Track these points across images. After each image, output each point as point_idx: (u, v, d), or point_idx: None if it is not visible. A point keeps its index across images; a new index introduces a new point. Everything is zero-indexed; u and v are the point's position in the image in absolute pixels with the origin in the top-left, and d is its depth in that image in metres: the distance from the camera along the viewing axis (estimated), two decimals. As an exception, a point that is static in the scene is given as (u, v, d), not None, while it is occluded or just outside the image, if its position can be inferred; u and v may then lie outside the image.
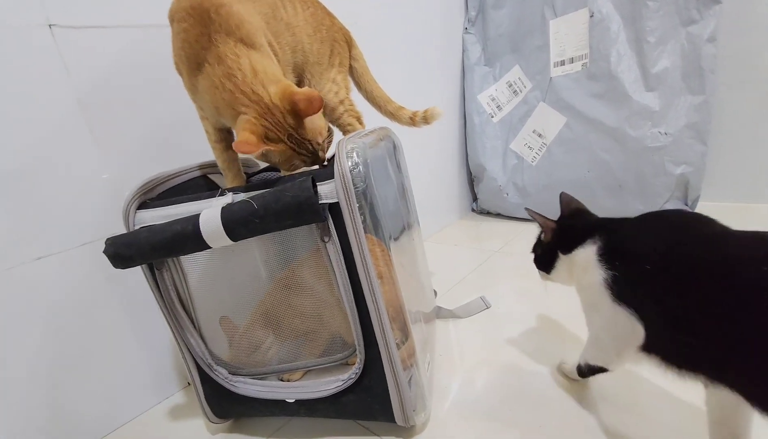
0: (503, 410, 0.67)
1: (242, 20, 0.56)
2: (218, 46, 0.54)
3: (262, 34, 0.60)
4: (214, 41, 0.55)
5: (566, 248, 0.62)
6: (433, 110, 0.86)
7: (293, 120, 0.55)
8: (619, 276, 0.51)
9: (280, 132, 0.55)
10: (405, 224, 0.78)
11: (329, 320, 0.66)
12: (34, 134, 0.67)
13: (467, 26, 1.55)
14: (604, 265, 0.53)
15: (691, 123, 1.15)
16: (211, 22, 0.54)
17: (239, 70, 0.54)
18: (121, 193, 0.74)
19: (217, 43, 0.55)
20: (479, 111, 1.54)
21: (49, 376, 0.70)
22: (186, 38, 0.56)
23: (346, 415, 0.66)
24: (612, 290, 0.52)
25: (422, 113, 0.86)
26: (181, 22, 0.56)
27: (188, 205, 0.59)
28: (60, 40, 0.68)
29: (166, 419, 0.80)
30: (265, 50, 0.59)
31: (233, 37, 0.55)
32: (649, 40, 1.17)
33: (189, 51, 0.56)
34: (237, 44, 0.55)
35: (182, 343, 0.66)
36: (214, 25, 0.55)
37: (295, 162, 0.58)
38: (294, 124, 0.55)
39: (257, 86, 0.54)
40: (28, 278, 0.67)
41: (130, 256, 0.57)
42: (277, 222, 0.52)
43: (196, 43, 0.55)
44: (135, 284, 0.79)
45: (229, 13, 0.55)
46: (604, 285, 0.53)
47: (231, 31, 0.55)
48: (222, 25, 0.55)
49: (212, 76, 0.55)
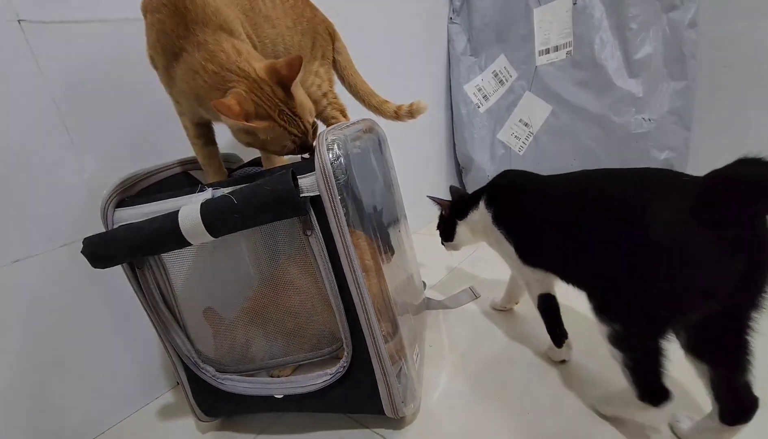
0: (492, 399, 0.67)
1: (218, 8, 0.55)
2: (197, 35, 0.53)
3: (240, 24, 0.58)
4: (192, 31, 0.53)
5: (462, 215, 0.84)
6: (418, 104, 0.85)
7: (283, 93, 0.53)
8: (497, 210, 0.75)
9: (270, 107, 0.53)
10: (392, 218, 0.77)
11: (317, 315, 0.66)
12: (10, 135, 0.65)
13: (452, 16, 1.54)
14: (489, 208, 0.76)
15: (674, 108, 1.16)
16: (186, 11, 0.53)
17: (222, 51, 0.53)
18: (100, 193, 0.72)
19: (196, 33, 0.53)
20: (466, 101, 1.53)
21: (33, 379, 0.69)
22: (162, 29, 0.54)
23: (336, 409, 0.66)
24: (494, 220, 0.75)
25: (407, 107, 0.85)
26: (155, 13, 0.54)
27: (168, 202, 0.58)
28: (30, 36, 0.66)
29: (156, 419, 0.79)
30: (244, 39, 0.58)
31: (211, 24, 0.54)
32: (632, 27, 1.17)
33: (165, 42, 0.55)
34: (216, 31, 0.54)
35: (167, 342, 0.65)
36: (190, 14, 0.53)
37: (285, 143, 0.55)
38: (284, 97, 0.53)
39: (243, 63, 0.52)
40: (7, 281, 0.66)
41: (108, 255, 0.56)
42: (258, 217, 0.51)
43: (172, 33, 0.54)
44: (118, 284, 0.76)
45: (205, 2, 0.54)
46: (492, 221, 0.75)
47: (209, 20, 0.54)
48: (198, 15, 0.53)
49: (191, 63, 0.53)
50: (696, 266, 0.45)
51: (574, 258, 0.59)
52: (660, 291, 0.47)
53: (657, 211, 0.47)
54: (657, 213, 0.47)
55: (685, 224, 0.45)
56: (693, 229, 0.44)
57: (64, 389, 0.73)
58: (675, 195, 0.47)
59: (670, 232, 0.46)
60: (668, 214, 0.46)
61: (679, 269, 0.45)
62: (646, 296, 0.49)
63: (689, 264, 0.45)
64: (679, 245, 0.45)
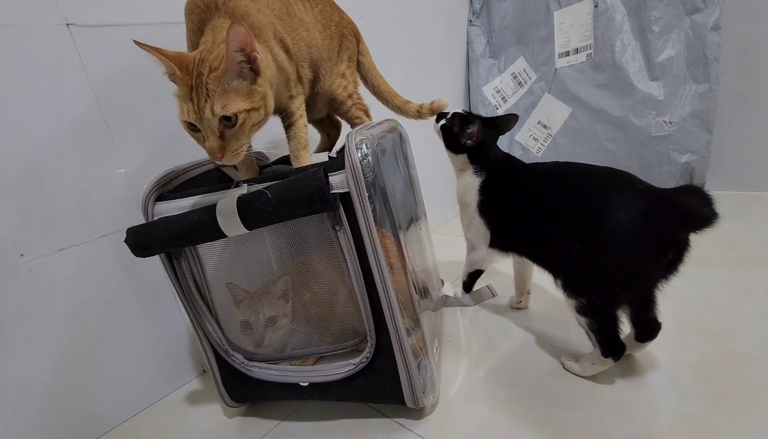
0: (509, 393, 0.69)
1: (247, 14, 0.57)
2: (216, 22, 0.55)
3: (270, 31, 0.60)
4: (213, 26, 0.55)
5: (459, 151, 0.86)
6: (439, 101, 0.87)
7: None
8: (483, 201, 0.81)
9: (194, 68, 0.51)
10: (413, 215, 0.80)
11: (341, 308, 0.68)
12: (56, 131, 0.69)
13: (472, 18, 1.55)
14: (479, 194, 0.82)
15: (696, 111, 1.16)
16: (217, 10, 0.56)
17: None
18: (137, 187, 0.77)
19: (216, 21, 0.55)
20: (485, 103, 1.55)
21: (68, 363, 0.73)
22: (191, 27, 0.59)
23: (358, 397, 0.69)
24: (479, 208, 0.81)
25: (428, 105, 0.88)
26: (190, 15, 0.59)
27: (204, 196, 0.61)
28: (77, 39, 0.70)
29: (183, 404, 0.83)
30: (268, 46, 0.59)
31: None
32: (654, 30, 1.17)
33: (193, 39, 0.59)
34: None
35: (200, 329, 0.69)
36: (219, 12, 0.56)
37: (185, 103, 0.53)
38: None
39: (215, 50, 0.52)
40: (52, 269, 0.70)
41: (149, 244, 0.59)
42: (290, 211, 0.54)
43: (198, 31, 0.57)
44: (151, 274, 0.82)
45: (236, 5, 0.56)
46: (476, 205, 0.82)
47: (235, 18, 0.56)
48: (227, 13, 0.56)
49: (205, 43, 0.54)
50: (641, 257, 0.59)
51: (544, 243, 0.71)
52: (614, 273, 0.61)
53: (615, 210, 0.60)
54: (615, 211, 0.60)
55: (635, 224, 0.58)
56: (641, 230, 0.58)
57: (97, 373, 0.77)
58: (631, 199, 0.60)
59: (624, 229, 0.59)
60: (624, 215, 0.59)
61: (629, 257, 0.59)
62: (604, 276, 0.62)
63: (636, 255, 0.59)
64: (630, 240, 0.59)
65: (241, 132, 0.53)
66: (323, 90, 0.76)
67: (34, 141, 0.67)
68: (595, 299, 0.63)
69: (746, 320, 0.76)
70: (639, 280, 0.62)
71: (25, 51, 0.65)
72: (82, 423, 0.75)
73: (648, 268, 0.60)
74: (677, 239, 0.59)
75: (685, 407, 0.60)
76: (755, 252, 0.98)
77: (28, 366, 0.69)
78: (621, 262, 0.60)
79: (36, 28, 0.66)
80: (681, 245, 0.60)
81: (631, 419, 0.60)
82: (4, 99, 0.64)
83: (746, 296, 0.82)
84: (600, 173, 0.67)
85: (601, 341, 0.65)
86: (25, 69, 0.66)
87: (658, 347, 0.72)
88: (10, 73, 0.65)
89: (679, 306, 0.81)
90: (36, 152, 0.68)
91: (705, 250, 1.01)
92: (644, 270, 0.61)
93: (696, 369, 0.67)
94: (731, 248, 1.01)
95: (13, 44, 0.64)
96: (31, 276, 0.68)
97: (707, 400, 0.61)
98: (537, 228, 0.72)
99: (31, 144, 0.67)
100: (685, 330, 0.75)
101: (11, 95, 0.65)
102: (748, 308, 0.79)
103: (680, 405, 0.61)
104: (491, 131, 0.87)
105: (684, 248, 0.60)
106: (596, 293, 0.63)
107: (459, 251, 1.12)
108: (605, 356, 0.65)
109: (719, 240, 1.05)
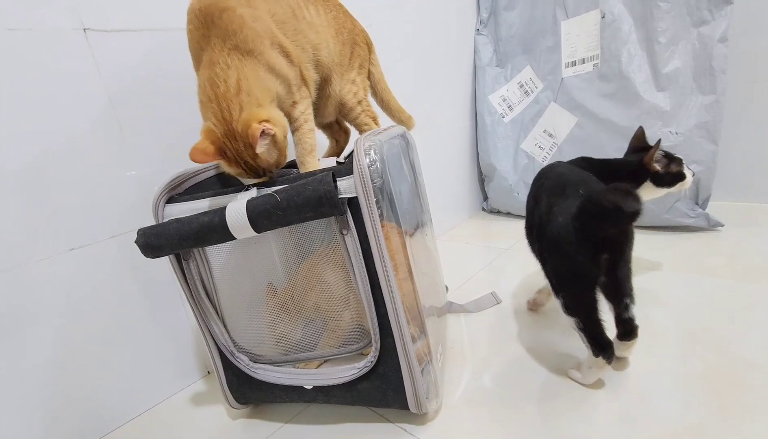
0: (512, 400, 0.69)
1: (243, 25, 0.57)
2: (213, 50, 0.57)
3: (268, 38, 0.60)
4: (211, 44, 0.57)
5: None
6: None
7: (252, 151, 0.56)
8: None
9: (237, 156, 0.57)
10: (419, 222, 0.80)
11: (347, 312, 0.69)
12: (70, 132, 0.71)
13: (479, 27, 1.57)
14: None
15: (702, 122, 1.16)
16: (213, 25, 0.57)
17: (224, 81, 0.56)
18: (147, 189, 0.78)
19: (213, 47, 0.57)
20: (490, 111, 1.56)
21: (75, 361, 0.74)
22: (192, 38, 0.60)
23: (362, 401, 0.69)
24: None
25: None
26: (189, 24, 0.60)
27: (214, 199, 0.62)
28: (93, 43, 0.72)
29: (188, 405, 0.84)
30: (265, 57, 0.60)
31: (229, 43, 0.57)
32: (661, 41, 1.18)
33: (194, 51, 0.60)
34: (231, 52, 0.57)
35: (206, 330, 0.69)
36: (215, 28, 0.57)
37: (245, 176, 0.61)
38: (252, 155, 0.57)
39: (234, 106, 0.56)
40: (63, 268, 0.71)
41: (159, 246, 0.60)
42: (299, 214, 0.55)
43: (197, 45, 0.59)
44: (159, 275, 0.83)
45: (231, 17, 0.57)
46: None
47: (228, 37, 0.57)
48: (221, 29, 0.57)
49: (201, 77, 0.58)
50: (573, 256, 0.63)
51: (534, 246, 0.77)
52: (560, 273, 0.67)
53: (557, 213, 0.65)
54: (556, 215, 0.65)
55: (567, 226, 0.62)
56: (572, 230, 0.62)
57: (103, 372, 0.78)
58: (570, 202, 0.64)
59: (559, 230, 0.64)
60: (561, 218, 0.64)
61: (564, 256, 0.64)
62: (557, 277, 0.68)
63: (569, 254, 0.63)
64: (564, 240, 0.63)
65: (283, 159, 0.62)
66: (334, 93, 0.77)
67: (47, 142, 0.69)
68: (565, 298, 0.67)
69: (752, 330, 0.76)
70: (580, 279, 0.65)
71: (42, 54, 0.67)
72: (87, 421, 0.76)
73: (583, 267, 0.63)
74: (610, 239, 0.62)
75: (690, 416, 0.60)
76: (761, 262, 0.97)
77: (36, 364, 0.70)
78: (560, 262, 0.66)
79: (54, 32, 0.68)
80: (615, 244, 0.63)
81: (636, 428, 0.60)
82: (20, 101, 0.66)
83: (752, 305, 0.82)
84: (569, 178, 0.73)
85: (589, 341, 0.66)
86: (42, 72, 0.67)
87: (663, 356, 0.72)
88: (27, 76, 0.66)
89: (684, 315, 0.81)
90: (49, 153, 0.69)
91: (710, 260, 1.01)
92: (581, 269, 0.63)
93: (701, 378, 0.67)
94: (737, 258, 1.00)
95: (30, 47, 0.66)
96: (41, 275, 0.69)
97: (712, 409, 0.61)
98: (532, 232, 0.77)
99: (45, 145, 0.68)
100: (690, 339, 0.75)
101: (27, 97, 0.66)
102: (754, 317, 0.79)
103: (685, 414, 0.61)
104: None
105: (619, 247, 0.63)
106: (562, 293, 0.67)
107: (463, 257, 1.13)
108: (596, 356, 0.65)
109: (725, 250, 1.05)
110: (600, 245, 0.62)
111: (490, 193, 1.66)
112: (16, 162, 0.66)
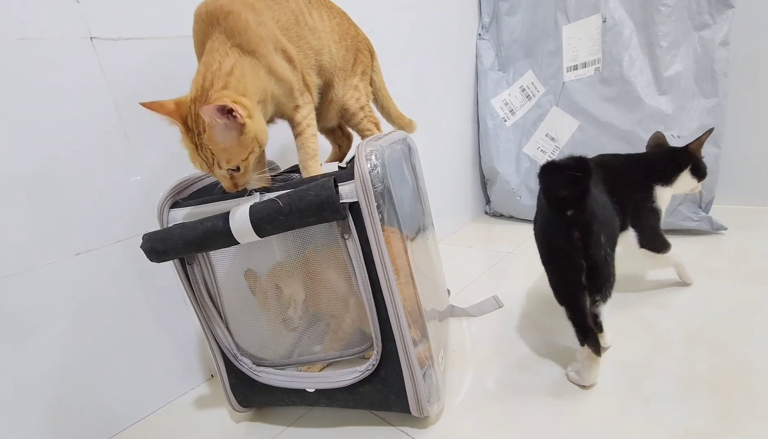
0: (514, 404, 0.69)
1: (247, 28, 0.58)
2: (215, 42, 0.58)
3: (271, 42, 0.61)
4: (213, 38, 0.58)
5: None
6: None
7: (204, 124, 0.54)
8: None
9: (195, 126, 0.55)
10: (420, 226, 0.81)
11: (349, 315, 0.69)
12: (77, 138, 0.72)
13: (481, 32, 1.58)
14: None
15: (704, 126, 1.16)
16: (218, 24, 0.58)
17: (219, 63, 0.56)
18: (151, 195, 0.79)
19: (215, 39, 0.58)
20: (493, 115, 1.56)
21: (80, 365, 0.75)
22: (196, 38, 0.61)
23: (363, 405, 0.69)
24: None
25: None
26: (194, 25, 0.61)
27: (218, 204, 0.63)
28: (100, 51, 0.73)
29: (192, 408, 0.84)
30: (267, 60, 0.60)
31: (232, 40, 0.58)
32: (662, 45, 1.18)
33: (198, 50, 0.61)
34: (233, 48, 0.58)
35: (210, 334, 0.70)
36: (219, 27, 0.58)
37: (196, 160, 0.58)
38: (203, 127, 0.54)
39: (219, 81, 0.55)
40: (69, 272, 0.72)
41: (164, 250, 0.61)
42: (301, 219, 0.56)
43: (201, 44, 0.60)
44: (163, 279, 0.84)
45: (236, 20, 0.58)
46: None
47: (232, 35, 0.58)
48: (226, 28, 0.58)
49: (199, 64, 0.58)
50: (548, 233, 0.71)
51: None
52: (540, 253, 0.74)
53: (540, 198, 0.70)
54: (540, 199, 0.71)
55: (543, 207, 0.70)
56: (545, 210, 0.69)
57: (108, 376, 0.78)
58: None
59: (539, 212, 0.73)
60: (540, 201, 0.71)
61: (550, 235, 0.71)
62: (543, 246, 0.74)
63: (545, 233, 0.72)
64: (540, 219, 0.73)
65: (246, 172, 0.60)
66: (336, 98, 0.78)
67: (54, 148, 0.70)
68: (548, 275, 0.73)
69: (755, 333, 0.75)
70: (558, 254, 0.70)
71: (50, 63, 0.68)
72: (92, 424, 0.77)
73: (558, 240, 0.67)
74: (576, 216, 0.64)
75: (693, 420, 0.60)
76: (764, 266, 0.97)
77: (42, 367, 0.71)
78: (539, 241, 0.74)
79: (61, 41, 0.69)
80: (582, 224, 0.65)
81: (639, 432, 0.60)
82: (27, 108, 0.67)
83: (755, 309, 0.82)
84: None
85: (574, 329, 0.69)
86: (50, 79, 0.69)
87: (667, 359, 0.72)
88: (35, 83, 0.67)
89: (687, 319, 0.81)
90: (56, 159, 0.70)
91: (714, 263, 1.00)
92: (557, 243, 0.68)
93: (704, 382, 0.66)
94: (740, 261, 1.00)
95: (38, 56, 0.67)
96: (48, 279, 0.70)
97: (716, 413, 0.60)
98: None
99: (52, 151, 0.70)
100: (693, 343, 0.75)
101: (35, 104, 0.68)
102: (757, 321, 0.79)
103: (688, 418, 0.61)
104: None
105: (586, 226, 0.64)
106: (546, 270, 0.73)
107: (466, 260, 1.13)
108: (581, 344, 0.68)
109: (728, 254, 1.04)
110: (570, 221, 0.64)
111: (492, 197, 1.67)
112: (23, 168, 0.67)
